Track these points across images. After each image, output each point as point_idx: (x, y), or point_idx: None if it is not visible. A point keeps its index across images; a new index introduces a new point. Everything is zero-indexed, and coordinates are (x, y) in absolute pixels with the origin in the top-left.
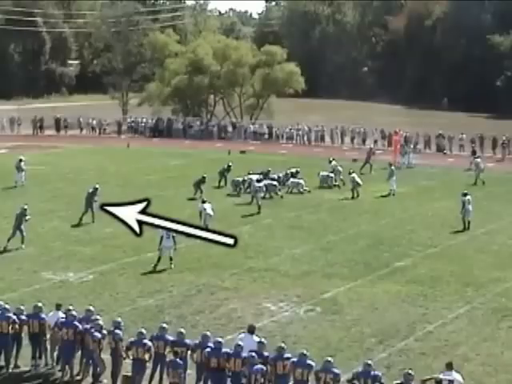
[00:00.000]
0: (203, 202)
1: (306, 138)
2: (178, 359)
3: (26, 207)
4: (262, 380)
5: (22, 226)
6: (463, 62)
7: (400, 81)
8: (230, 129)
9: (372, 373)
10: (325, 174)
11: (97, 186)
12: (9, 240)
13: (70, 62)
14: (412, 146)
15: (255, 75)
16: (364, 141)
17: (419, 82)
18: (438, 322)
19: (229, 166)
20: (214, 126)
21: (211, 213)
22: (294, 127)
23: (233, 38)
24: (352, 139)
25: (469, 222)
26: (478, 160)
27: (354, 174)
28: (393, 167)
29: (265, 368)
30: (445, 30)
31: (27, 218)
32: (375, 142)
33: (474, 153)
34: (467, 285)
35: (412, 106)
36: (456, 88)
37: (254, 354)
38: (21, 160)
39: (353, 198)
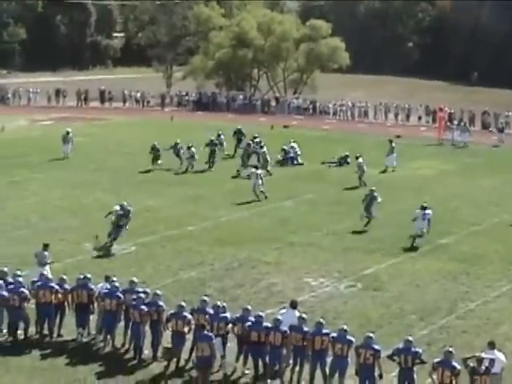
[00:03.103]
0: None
1: (349, 114)
2: (207, 332)
3: None
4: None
5: None
6: (510, 39)
7: (446, 57)
8: (273, 103)
9: (413, 349)
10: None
11: None
12: None
13: (115, 34)
14: (456, 123)
15: (299, 50)
16: (408, 117)
17: (465, 59)
18: (479, 300)
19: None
20: (257, 101)
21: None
22: (337, 103)
23: (278, 11)
24: (396, 115)
25: None
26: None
27: (360, 159)
28: (393, 144)
29: None
30: (492, 5)
31: None
32: (419, 118)
33: (501, 130)
34: (511, 263)
35: (457, 82)
36: (501, 65)
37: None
38: (68, 132)
39: (359, 186)
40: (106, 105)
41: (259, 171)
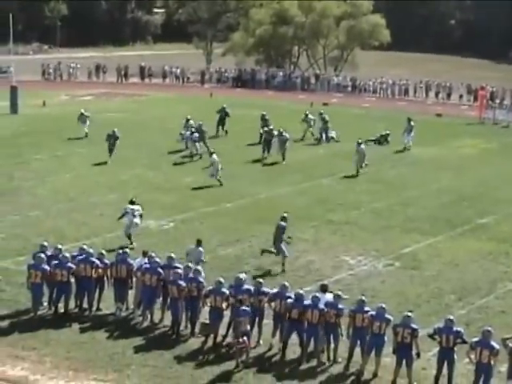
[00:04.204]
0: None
1: (389, 92)
2: (245, 307)
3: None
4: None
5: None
6: None
7: (488, 34)
8: (313, 80)
9: (454, 329)
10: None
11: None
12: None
13: (156, 10)
14: (498, 102)
15: (340, 27)
16: (449, 95)
17: (508, 36)
18: None
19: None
20: (297, 78)
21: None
22: (377, 80)
23: None
24: (436, 94)
25: None
26: None
27: (363, 146)
28: (412, 122)
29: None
30: None
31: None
32: (460, 96)
33: None
34: None
35: (500, 60)
36: None
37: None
38: (82, 113)
39: (355, 175)
40: (145, 81)
41: (214, 157)
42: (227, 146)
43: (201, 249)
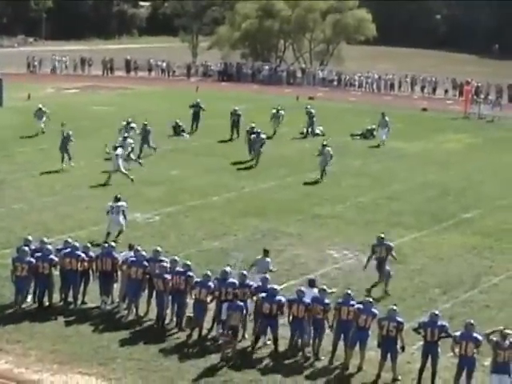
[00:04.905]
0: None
1: (375, 86)
2: (239, 302)
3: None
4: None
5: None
6: None
7: (474, 30)
8: (298, 74)
9: (439, 323)
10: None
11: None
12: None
13: (142, 3)
14: (483, 97)
15: (326, 21)
16: (435, 90)
17: (494, 32)
18: (503, 274)
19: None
20: (282, 72)
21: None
22: (363, 75)
23: None
24: (422, 88)
25: None
26: None
27: (329, 148)
28: (386, 117)
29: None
30: None
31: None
32: (446, 91)
33: None
34: None
35: (485, 55)
36: None
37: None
38: (40, 108)
39: (320, 179)
40: (131, 74)
41: (119, 151)
42: (210, 141)
43: (268, 259)
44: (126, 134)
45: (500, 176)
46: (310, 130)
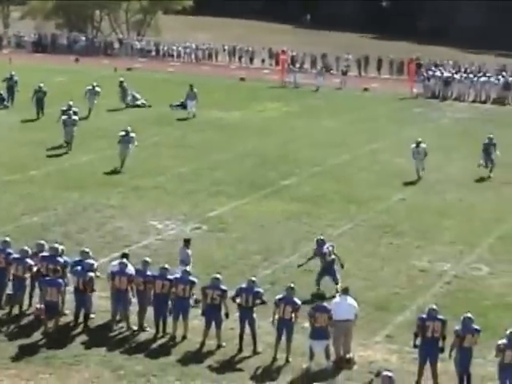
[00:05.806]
0: None
1: (193, 56)
2: (55, 278)
3: None
4: None
5: None
6: None
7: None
8: (116, 45)
9: (254, 289)
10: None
11: None
12: None
13: None
14: (298, 66)
15: None
16: (251, 60)
17: (304, 2)
18: None
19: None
20: (99, 43)
21: None
22: (181, 45)
23: None
24: (240, 58)
25: None
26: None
27: (132, 134)
28: (195, 90)
29: None
30: None
31: None
32: (263, 61)
33: (344, 73)
34: (350, 203)
35: (298, 25)
36: (342, 7)
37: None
38: None
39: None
40: None
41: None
42: (29, 113)
43: (188, 250)
44: None
45: (316, 143)
46: (125, 100)
